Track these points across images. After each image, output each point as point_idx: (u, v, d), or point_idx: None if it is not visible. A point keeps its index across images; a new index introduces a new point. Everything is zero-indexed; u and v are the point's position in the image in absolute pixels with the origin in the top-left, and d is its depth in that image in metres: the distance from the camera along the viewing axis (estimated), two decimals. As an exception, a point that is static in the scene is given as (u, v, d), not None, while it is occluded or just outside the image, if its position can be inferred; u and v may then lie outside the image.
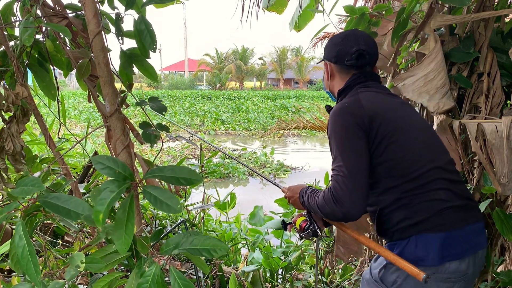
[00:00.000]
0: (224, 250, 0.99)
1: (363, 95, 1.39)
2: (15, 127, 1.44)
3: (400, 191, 1.30)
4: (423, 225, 1.26)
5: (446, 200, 1.28)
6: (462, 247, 1.26)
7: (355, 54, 1.45)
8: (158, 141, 1.20)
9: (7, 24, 1.41)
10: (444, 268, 1.24)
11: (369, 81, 1.47)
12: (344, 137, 1.31)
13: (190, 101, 25.80)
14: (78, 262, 0.98)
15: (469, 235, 1.28)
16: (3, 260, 1.96)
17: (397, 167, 1.30)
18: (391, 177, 1.30)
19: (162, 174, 0.97)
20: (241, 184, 8.32)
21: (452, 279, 1.26)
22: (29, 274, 0.85)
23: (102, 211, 0.87)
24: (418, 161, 1.30)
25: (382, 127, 1.30)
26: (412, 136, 1.33)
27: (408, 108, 1.45)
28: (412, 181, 1.29)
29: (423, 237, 1.26)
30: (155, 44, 1.17)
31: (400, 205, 1.30)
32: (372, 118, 1.31)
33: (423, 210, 1.27)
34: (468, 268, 1.27)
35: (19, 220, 0.89)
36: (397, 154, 1.30)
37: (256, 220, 3.63)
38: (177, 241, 1.02)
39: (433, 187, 1.28)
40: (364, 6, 1.83)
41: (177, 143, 11.52)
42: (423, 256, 1.25)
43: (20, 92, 1.34)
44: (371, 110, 1.33)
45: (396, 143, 1.30)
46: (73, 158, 4.28)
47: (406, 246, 1.28)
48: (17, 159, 1.47)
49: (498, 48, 1.77)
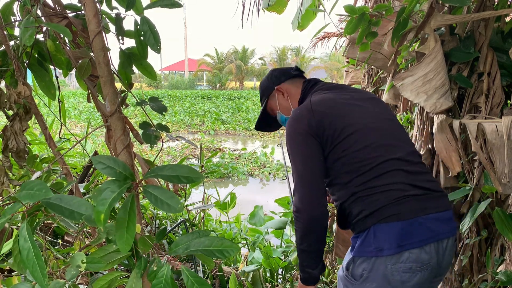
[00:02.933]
0: (237, 251, 0.99)
1: (314, 99, 1.46)
2: (18, 125, 1.44)
3: (356, 184, 1.33)
4: (379, 215, 1.28)
5: (402, 189, 1.29)
6: (421, 236, 1.26)
7: (294, 67, 1.68)
8: (158, 141, 1.20)
9: (8, 24, 1.41)
10: (404, 258, 1.25)
11: (319, 82, 1.59)
12: (293, 146, 1.40)
13: (190, 101, 25.79)
14: (79, 262, 0.98)
15: (429, 224, 1.28)
16: (3, 260, 1.96)
17: (352, 161, 1.33)
18: (347, 172, 1.34)
19: (163, 173, 0.97)
20: (241, 184, 8.32)
21: (413, 269, 1.26)
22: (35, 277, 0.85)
23: (103, 211, 0.87)
24: (372, 154, 1.32)
25: (332, 126, 1.36)
26: (365, 130, 1.36)
27: (366, 102, 1.47)
28: (366, 173, 1.31)
29: (380, 227, 1.27)
30: (159, 45, 1.17)
31: (357, 197, 1.33)
32: (321, 120, 1.37)
33: (378, 201, 1.29)
34: (431, 257, 1.27)
35: (24, 222, 0.89)
36: (350, 149, 1.33)
37: (256, 220, 3.63)
38: (187, 242, 1.02)
39: (389, 178, 1.30)
40: (364, 6, 1.82)
41: (177, 143, 11.52)
42: (381, 246, 1.26)
43: (22, 91, 1.34)
44: (319, 113, 1.39)
45: (348, 139, 1.34)
46: (73, 158, 4.27)
47: (366, 238, 1.30)
48: (21, 156, 1.48)
49: (498, 48, 1.77)
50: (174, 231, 3.18)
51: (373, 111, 1.45)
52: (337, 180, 1.39)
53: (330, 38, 5.36)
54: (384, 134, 1.39)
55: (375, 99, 1.55)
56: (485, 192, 1.75)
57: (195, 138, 13.66)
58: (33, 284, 0.99)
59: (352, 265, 1.36)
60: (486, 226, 1.90)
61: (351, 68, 3.13)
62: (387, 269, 1.27)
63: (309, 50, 45.65)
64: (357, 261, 1.34)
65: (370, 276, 1.30)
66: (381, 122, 1.42)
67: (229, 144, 13.18)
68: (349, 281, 1.37)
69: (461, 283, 2.02)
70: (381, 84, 2.88)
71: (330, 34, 5.28)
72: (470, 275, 1.96)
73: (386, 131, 1.41)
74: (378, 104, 1.52)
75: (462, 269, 1.97)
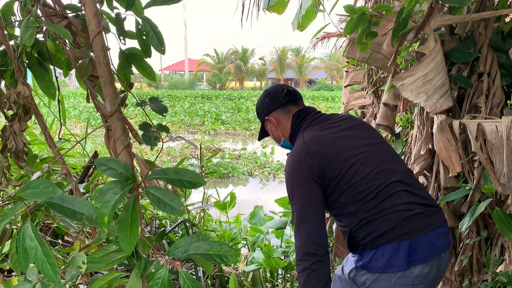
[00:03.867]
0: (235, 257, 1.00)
1: (307, 138, 1.49)
2: (17, 125, 1.44)
3: (364, 212, 1.39)
4: (388, 236, 1.35)
5: (406, 209, 1.36)
6: (426, 252, 1.34)
7: (284, 91, 1.63)
8: (158, 142, 1.19)
9: (8, 24, 1.41)
10: (409, 273, 1.33)
11: (308, 115, 1.59)
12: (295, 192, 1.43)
13: (190, 101, 25.80)
14: (80, 263, 0.98)
15: (433, 240, 1.36)
16: (3, 260, 1.96)
17: (356, 191, 1.39)
18: (353, 202, 1.40)
19: (166, 176, 0.97)
20: (240, 184, 8.32)
21: (415, 282, 1.34)
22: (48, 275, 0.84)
23: (106, 213, 0.87)
24: (374, 182, 1.39)
25: (330, 165, 1.41)
26: (362, 160, 1.42)
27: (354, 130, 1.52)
28: (372, 200, 1.38)
29: (389, 246, 1.34)
30: (163, 45, 1.16)
31: (366, 222, 1.38)
32: (319, 161, 1.41)
33: (387, 222, 1.35)
34: (431, 271, 1.36)
35: (27, 222, 0.89)
36: (352, 181, 1.39)
37: (256, 220, 3.64)
38: (186, 245, 1.02)
39: (393, 201, 1.37)
40: (364, 6, 1.82)
41: (177, 143, 11.52)
42: (390, 263, 1.34)
43: (21, 91, 1.34)
44: (317, 155, 1.42)
45: (348, 173, 1.40)
46: (73, 158, 4.27)
47: (375, 255, 1.37)
48: (20, 157, 1.48)
49: (498, 48, 1.77)
50: (174, 231, 3.18)
51: (364, 138, 1.51)
52: (344, 210, 1.44)
53: (330, 38, 5.36)
54: (380, 159, 1.45)
55: (362, 124, 1.60)
56: (485, 192, 1.75)
57: (195, 138, 13.66)
58: (33, 284, 0.99)
59: (354, 272, 1.44)
60: (486, 226, 1.90)
61: (351, 68, 3.13)
62: (391, 282, 1.35)
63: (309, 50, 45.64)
64: (361, 271, 1.41)
65: (372, 286, 1.38)
66: (373, 147, 1.48)
67: (229, 144, 13.18)
68: (349, 285, 1.45)
69: (461, 283, 2.02)
70: (381, 84, 2.88)
71: (330, 34, 5.28)
72: (470, 275, 1.96)
73: (380, 155, 1.47)
74: (366, 128, 1.58)
75: (462, 269, 1.97)
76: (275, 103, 1.64)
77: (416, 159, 2.04)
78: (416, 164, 2.03)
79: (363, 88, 3.15)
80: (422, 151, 2.01)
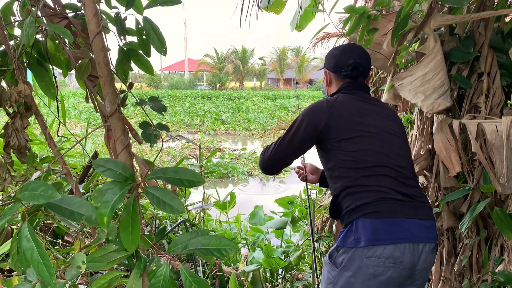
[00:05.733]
0: (235, 249, 0.99)
1: (340, 98, 1.63)
2: (19, 122, 1.44)
3: (349, 179, 1.50)
4: (362, 210, 1.45)
5: (385, 192, 1.46)
6: (397, 234, 1.41)
7: (351, 66, 1.67)
8: (158, 141, 1.19)
9: (8, 24, 1.41)
10: (378, 252, 1.40)
11: (355, 90, 1.67)
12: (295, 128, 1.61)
13: (190, 101, 25.79)
14: (79, 263, 0.98)
15: (407, 226, 1.43)
16: (3, 260, 1.96)
17: (350, 159, 1.50)
18: (344, 167, 1.52)
19: (165, 175, 0.97)
20: (240, 184, 8.32)
21: (386, 264, 1.40)
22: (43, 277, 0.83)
23: (106, 214, 0.87)
24: (369, 158, 1.49)
25: (341, 125, 1.54)
26: (370, 138, 1.53)
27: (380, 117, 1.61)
28: (359, 171, 1.49)
29: (361, 221, 1.44)
30: (164, 47, 1.16)
31: (347, 192, 1.50)
32: (333, 116, 1.55)
33: (364, 197, 1.46)
34: (404, 256, 1.40)
35: (24, 222, 0.88)
36: (352, 148, 1.51)
37: (256, 220, 3.64)
38: (185, 241, 1.02)
39: (376, 181, 1.47)
40: (364, 6, 1.82)
41: (177, 143, 11.52)
42: (358, 238, 1.43)
43: (22, 90, 1.35)
44: (336, 110, 1.57)
45: (352, 140, 1.52)
46: (73, 158, 4.27)
47: (348, 231, 1.48)
48: (23, 153, 1.48)
49: (498, 48, 1.77)
50: (174, 231, 3.18)
51: (387, 125, 1.60)
52: (334, 173, 1.56)
53: (330, 38, 5.37)
54: (387, 146, 1.54)
55: (394, 117, 1.68)
56: (485, 192, 1.75)
57: (195, 138, 13.66)
58: (33, 284, 0.99)
59: (335, 254, 1.52)
60: (486, 226, 1.90)
61: (351, 68, 3.13)
62: (362, 261, 1.42)
63: (309, 50, 45.69)
64: (340, 250, 1.50)
65: (348, 265, 1.46)
66: (388, 136, 1.57)
67: (229, 144, 13.18)
68: (331, 268, 1.53)
69: (461, 283, 2.02)
70: (381, 84, 2.88)
71: (330, 35, 5.29)
72: (470, 275, 1.96)
73: (390, 145, 1.55)
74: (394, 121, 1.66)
75: (462, 269, 1.97)
76: (337, 69, 1.71)
77: (416, 159, 2.04)
78: (416, 164, 2.03)
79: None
80: (422, 151, 2.01)
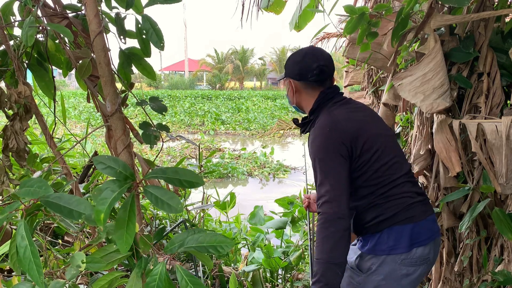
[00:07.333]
0: (230, 246, 0.99)
1: (339, 114, 1.51)
2: (19, 125, 1.44)
3: (374, 196, 1.49)
4: (393, 219, 1.46)
5: (410, 197, 1.49)
6: (426, 235, 1.48)
7: (316, 70, 1.55)
8: (158, 141, 1.20)
9: (8, 24, 1.41)
10: (412, 254, 1.45)
11: (335, 98, 1.58)
12: (328, 161, 1.45)
13: (190, 101, 25.78)
14: (79, 262, 0.98)
15: (429, 225, 1.50)
16: (3, 260, 1.96)
17: (373, 177, 1.48)
18: (367, 186, 1.49)
19: (165, 175, 0.97)
20: (240, 184, 8.32)
21: (418, 263, 1.46)
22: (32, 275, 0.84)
23: (103, 210, 0.87)
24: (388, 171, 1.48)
25: (363, 145, 1.46)
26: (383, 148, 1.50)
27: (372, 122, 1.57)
28: (384, 187, 1.48)
29: (394, 229, 1.46)
30: (162, 42, 1.16)
31: (373, 205, 1.49)
32: (354, 137, 1.46)
33: (393, 207, 1.47)
34: (430, 252, 1.48)
35: (21, 220, 0.89)
36: (374, 166, 1.47)
37: (256, 220, 3.64)
38: (182, 239, 1.02)
39: (401, 190, 1.49)
40: (364, 6, 1.82)
41: (177, 143, 11.52)
42: (394, 245, 1.44)
43: (22, 91, 1.35)
44: (351, 129, 1.47)
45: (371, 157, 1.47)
46: (73, 158, 4.27)
47: (380, 238, 1.47)
48: (21, 156, 1.48)
49: (498, 48, 1.77)
50: (174, 231, 3.18)
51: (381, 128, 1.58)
52: (357, 192, 1.51)
53: (329, 38, 5.36)
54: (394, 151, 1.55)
55: (376, 116, 1.65)
56: (484, 192, 1.75)
57: (195, 138, 13.66)
58: (33, 284, 0.99)
59: (359, 259, 1.52)
60: (486, 226, 1.90)
61: (351, 68, 3.13)
62: (396, 264, 1.45)
63: (309, 50, 45.37)
64: (366, 257, 1.50)
65: (378, 270, 1.47)
66: (389, 139, 1.57)
67: (229, 144, 13.18)
68: (355, 273, 1.52)
69: (461, 283, 2.02)
70: (381, 84, 2.88)
71: (330, 35, 5.28)
72: (470, 275, 1.96)
73: (394, 147, 1.57)
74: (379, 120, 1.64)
75: (462, 269, 1.97)
76: (302, 76, 1.58)
77: (416, 159, 2.04)
78: (416, 164, 2.03)
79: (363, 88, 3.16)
80: (422, 151, 2.01)
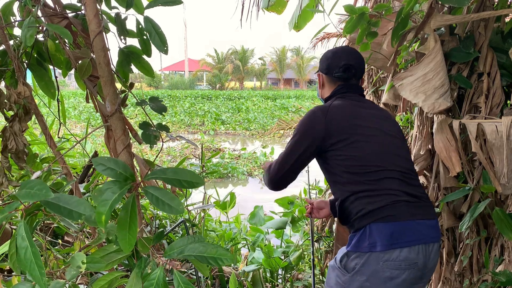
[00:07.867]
0: (230, 260, 1.00)
1: (335, 103, 1.61)
2: (18, 126, 1.44)
3: (356, 184, 1.49)
4: (375, 215, 1.43)
5: (395, 195, 1.46)
6: (412, 236, 1.42)
7: (342, 68, 1.67)
8: (158, 141, 1.19)
9: (8, 24, 1.41)
10: (395, 255, 1.40)
11: (349, 93, 1.68)
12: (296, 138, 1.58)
13: (190, 101, 25.79)
14: (79, 262, 0.98)
15: (418, 228, 1.44)
16: (3, 260, 1.96)
17: (355, 164, 1.49)
18: (350, 173, 1.50)
19: (165, 176, 0.97)
20: (240, 184, 8.32)
21: (402, 267, 1.40)
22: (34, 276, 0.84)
23: (104, 212, 0.87)
24: (373, 161, 1.49)
25: (340, 131, 1.52)
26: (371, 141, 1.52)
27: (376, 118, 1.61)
28: (365, 175, 1.48)
29: (375, 226, 1.43)
30: (166, 46, 1.16)
31: (356, 197, 1.48)
32: (330, 125, 1.53)
33: (375, 202, 1.45)
34: (418, 257, 1.42)
35: (21, 221, 0.88)
36: (355, 153, 1.50)
37: (256, 220, 3.64)
38: (182, 246, 1.02)
39: (385, 185, 1.47)
40: (364, 6, 1.82)
41: (177, 143, 11.52)
42: (374, 242, 1.41)
43: (22, 92, 1.35)
44: (333, 117, 1.55)
45: (354, 145, 1.50)
46: (73, 158, 4.27)
47: (362, 235, 1.45)
48: (20, 157, 1.48)
49: (498, 48, 1.77)
50: (174, 231, 3.18)
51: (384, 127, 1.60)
52: (340, 179, 1.53)
53: (330, 38, 5.36)
54: (388, 148, 1.54)
55: (389, 119, 1.69)
56: (485, 192, 1.75)
57: (195, 138, 13.65)
58: (33, 284, 0.99)
59: (345, 258, 1.50)
60: (486, 226, 1.90)
61: (351, 68, 3.12)
62: (378, 265, 1.41)
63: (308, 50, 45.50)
64: (351, 255, 1.47)
65: (362, 270, 1.44)
66: (388, 137, 1.57)
67: (229, 144, 13.18)
68: (341, 273, 1.51)
69: (461, 283, 2.02)
70: (381, 84, 2.88)
71: (330, 35, 5.28)
72: (470, 276, 1.96)
73: (391, 146, 1.56)
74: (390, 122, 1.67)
75: (462, 269, 1.97)
76: (329, 71, 1.72)
77: (416, 159, 2.04)
78: (416, 164, 2.03)
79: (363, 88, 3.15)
80: (422, 151, 2.01)
